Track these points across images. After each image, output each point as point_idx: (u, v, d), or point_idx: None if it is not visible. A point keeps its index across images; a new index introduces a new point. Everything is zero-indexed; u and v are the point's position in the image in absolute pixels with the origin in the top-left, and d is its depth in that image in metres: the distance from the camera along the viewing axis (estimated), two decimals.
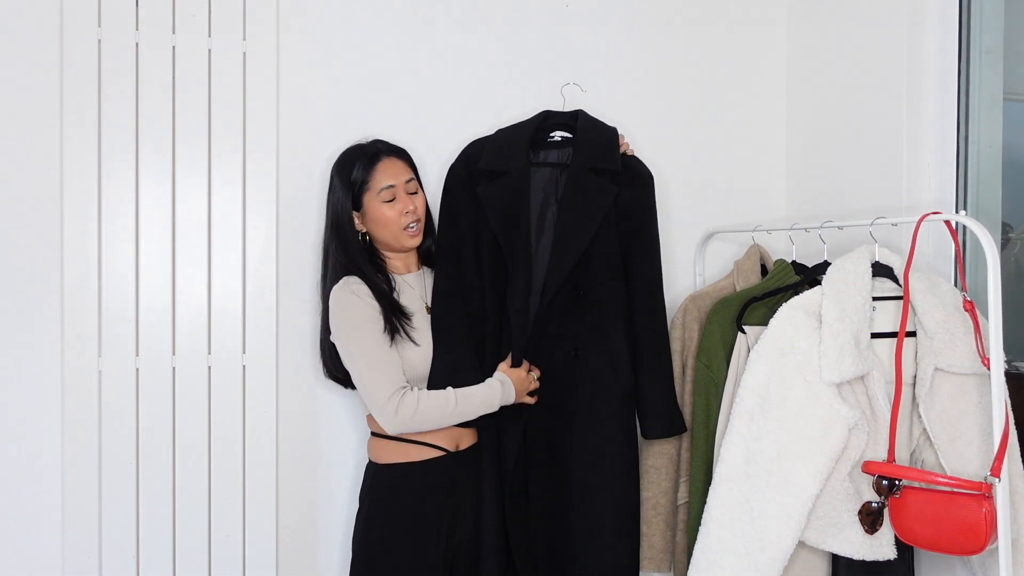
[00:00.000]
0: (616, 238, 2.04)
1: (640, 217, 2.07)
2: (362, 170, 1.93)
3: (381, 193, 1.91)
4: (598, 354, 2.01)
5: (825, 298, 1.83)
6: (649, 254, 2.09)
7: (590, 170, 2.01)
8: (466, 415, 1.87)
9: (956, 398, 1.80)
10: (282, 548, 2.13)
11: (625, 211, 2.05)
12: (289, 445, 2.13)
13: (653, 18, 2.46)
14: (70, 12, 1.94)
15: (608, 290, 2.02)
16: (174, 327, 2.03)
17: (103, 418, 1.97)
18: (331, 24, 2.16)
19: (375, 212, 1.92)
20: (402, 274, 2.01)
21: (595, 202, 1.99)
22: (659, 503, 2.16)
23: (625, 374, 2.02)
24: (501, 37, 2.31)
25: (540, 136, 2.10)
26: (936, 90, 2.07)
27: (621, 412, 2.02)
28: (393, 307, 1.89)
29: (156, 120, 2.01)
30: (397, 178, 1.93)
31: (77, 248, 1.96)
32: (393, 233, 1.93)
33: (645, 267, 2.08)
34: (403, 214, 1.92)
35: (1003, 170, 2.13)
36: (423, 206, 1.99)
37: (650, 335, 2.07)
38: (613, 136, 2.09)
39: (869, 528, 1.77)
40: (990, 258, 1.64)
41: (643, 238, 2.08)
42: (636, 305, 2.06)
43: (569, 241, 1.97)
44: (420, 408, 1.81)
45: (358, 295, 1.86)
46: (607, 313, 2.02)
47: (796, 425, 1.79)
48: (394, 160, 1.96)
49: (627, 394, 2.03)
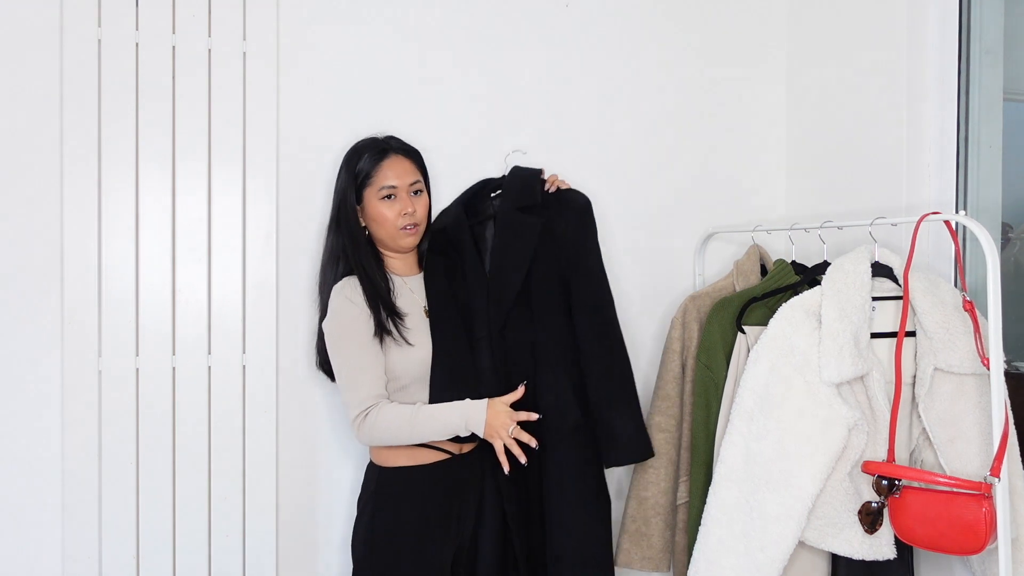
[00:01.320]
0: (557, 270, 2.05)
1: (578, 243, 2.08)
2: (368, 163, 1.92)
3: (381, 190, 1.90)
4: (547, 386, 2.00)
5: (825, 298, 1.83)
6: (591, 278, 2.08)
7: (517, 209, 2.07)
8: (423, 436, 1.82)
9: (956, 398, 1.80)
10: (282, 548, 2.13)
11: (561, 241, 2.06)
12: (289, 445, 2.13)
13: (653, 18, 2.46)
14: (70, 12, 1.94)
15: (550, 323, 2.02)
16: (174, 327, 2.03)
17: (103, 418, 1.97)
18: (331, 24, 2.16)
19: (373, 209, 1.91)
20: (402, 275, 2.00)
21: (523, 238, 2.03)
22: (659, 503, 2.16)
23: (572, 406, 2.00)
24: (501, 37, 2.31)
25: (482, 200, 2.18)
26: (936, 90, 2.07)
27: (574, 443, 1.99)
28: (388, 308, 1.88)
29: (156, 120, 2.01)
30: (401, 178, 1.91)
31: (77, 248, 1.96)
32: (389, 232, 1.92)
33: (588, 292, 2.06)
34: (401, 215, 1.90)
35: (1003, 170, 2.13)
36: (424, 209, 1.97)
37: (600, 360, 2.03)
38: (534, 175, 2.14)
39: (869, 528, 1.77)
40: (990, 258, 1.64)
41: (583, 264, 2.08)
42: (581, 332, 2.04)
43: (506, 278, 2.02)
44: (377, 427, 1.81)
45: (352, 301, 1.86)
46: (551, 347, 2.01)
47: (796, 425, 1.79)
48: (402, 160, 1.94)
49: (577, 425, 2.00)
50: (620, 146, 2.43)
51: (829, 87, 2.40)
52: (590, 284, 2.07)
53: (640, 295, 2.44)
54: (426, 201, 1.98)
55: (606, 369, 2.03)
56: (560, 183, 2.13)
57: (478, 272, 2.04)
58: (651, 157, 2.47)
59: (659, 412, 2.19)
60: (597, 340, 2.04)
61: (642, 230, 2.45)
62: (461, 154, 2.25)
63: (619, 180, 2.42)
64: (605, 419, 2.01)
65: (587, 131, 2.39)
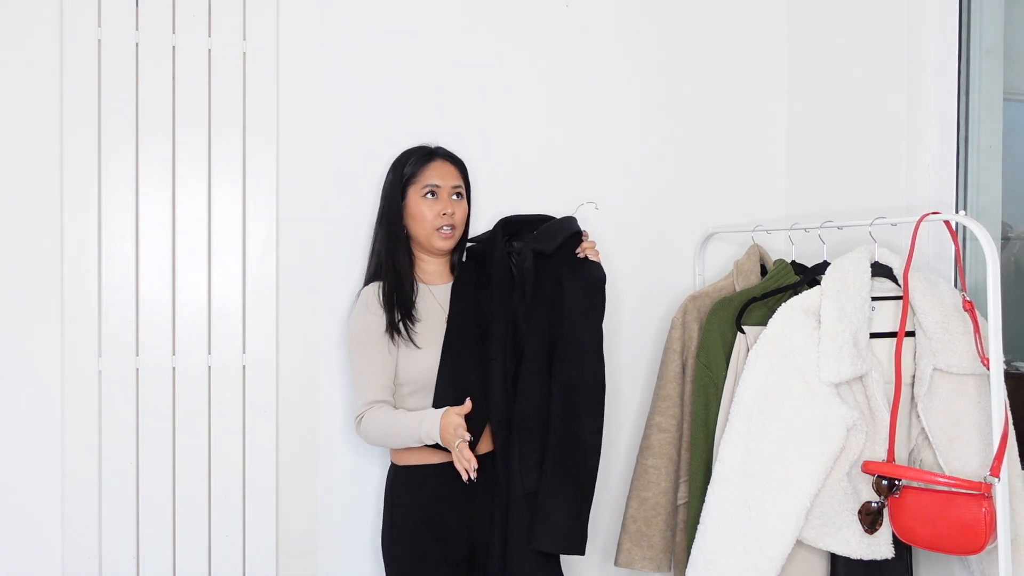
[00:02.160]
0: (549, 335, 1.96)
1: (576, 315, 1.97)
2: (414, 165, 1.99)
3: (424, 188, 1.96)
4: (518, 443, 1.92)
5: (824, 298, 1.83)
6: (580, 354, 1.95)
7: (532, 250, 2.00)
8: (399, 442, 1.86)
9: (955, 398, 1.80)
10: (282, 548, 2.12)
11: (560, 304, 1.98)
12: (289, 445, 2.13)
13: (653, 19, 2.46)
14: (70, 12, 1.94)
15: (529, 387, 1.93)
16: (174, 327, 2.03)
17: (103, 418, 1.97)
18: (331, 24, 2.16)
19: (414, 207, 1.96)
20: (430, 283, 2.02)
21: (505, 282, 2.01)
22: (659, 503, 2.16)
23: (529, 476, 1.90)
24: (501, 37, 2.31)
25: (529, 229, 2.08)
26: (936, 90, 2.07)
27: (526, 507, 1.90)
28: (403, 307, 1.93)
29: (156, 120, 2.01)
30: (444, 180, 1.98)
31: (77, 248, 1.96)
32: (426, 231, 1.96)
33: (571, 368, 1.94)
34: (439, 215, 1.95)
35: (1003, 170, 2.13)
36: (463, 214, 2.01)
37: (562, 439, 1.91)
38: (572, 232, 2.04)
39: (869, 528, 1.77)
40: (990, 258, 1.64)
41: (575, 338, 1.95)
42: (552, 404, 1.93)
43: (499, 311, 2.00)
44: (369, 431, 1.89)
45: (368, 307, 1.93)
46: (527, 407, 1.93)
47: (795, 425, 1.79)
48: (446, 164, 2.01)
49: (530, 493, 1.90)
50: (620, 146, 2.43)
51: (829, 87, 2.40)
52: (574, 359, 1.94)
53: (640, 295, 2.44)
54: (465, 208, 2.02)
55: (566, 450, 1.90)
56: (590, 253, 2.02)
57: (504, 290, 1.99)
58: (651, 157, 2.46)
59: (659, 412, 2.19)
60: (565, 416, 1.92)
61: (642, 230, 2.45)
62: (461, 150, 2.25)
63: (619, 180, 2.42)
64: (545, 496, 1.89)
65: (587, 131, 2.39)
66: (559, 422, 1.91)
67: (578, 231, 2.03)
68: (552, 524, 1.87)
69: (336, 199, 2.16)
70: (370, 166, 2.17)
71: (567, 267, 1.98)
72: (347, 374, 2.15)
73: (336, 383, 2.16)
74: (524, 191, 2.31)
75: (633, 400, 2.43)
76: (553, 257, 1.98)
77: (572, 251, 2.00)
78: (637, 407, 2.43)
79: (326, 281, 2.15)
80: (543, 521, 1.87)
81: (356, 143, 2.17)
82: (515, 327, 1.98)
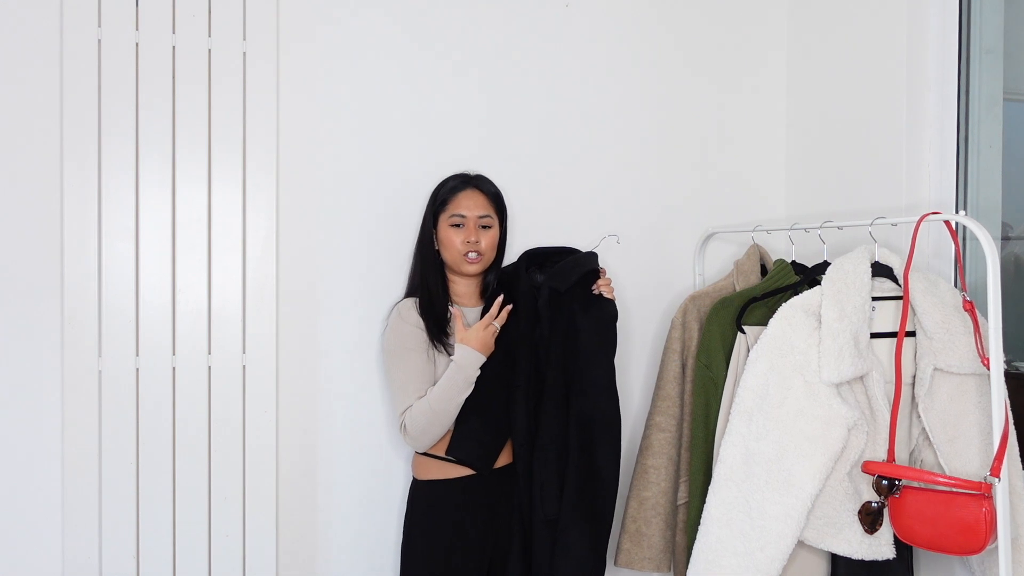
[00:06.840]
0: (564, 372, 2.03)
1: (588, 352, 2.05)
2: (448, 192, 2.06)
3: (452, 217, 2.03)
4: (538, 470, 2.01)
5: (824, 298, 1.83)
6: (592, 390, 2.03)
7: (549, 285, 2.08)
8: (447, 407, 1.92)
9: (955, 398, 1.80)
10: (282, 548, 2.13)
11: (575, 338, 2.04)
12: (289, 445, 2.13)
13: (654, 19, 2.46)
14: (70, 12, 1.94)
15: (552, 418, 2.01)
16: (174, 327, 2.03)
17: (103, 418, 1.97)
18: (331, 24, 2.16)
19: (443, 234, 2.04)
20: (463, 305, 2.07)
21: (520, 318, 2.07)
22: (659, 503, 2.16)
23: (548, 501, 1.99)
24: (501, 37, 2.31)
25: (553, 262, 2.16)
26: (936, 90, 2.07)
27: (547, 534, 2.00)
28: (439, 323, 1.99)
29: (156, 120, 2.01)
30: (471, 210, 2.03)
31: (77, 248, 1.96)
32: (453, 257, 2.03)
33: (585, 403, 2.02)
34: (464, 243, 2.01)
35: (1003, 170, 2.13)
36: (490, 242, 2.05)
37: (579, 472, 1.99)
38: (589, 270, 2.10)
39: (869, 528, 1.77)
40: (990, 258, 1.64)
41: (587, 374, 2.03)
42: (571, 438, 2.01)
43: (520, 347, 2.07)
44: (412, 422, 1.92)
45: (405, 320, 1.99)
46: (546, 438, 2.01)
47: (795, 425, 1.79)
48: (478, 194, 2.06)
49: (550, 520, 1.99)
50: (620, 146, 2.43)
51: (829, 87, 2.40)
52: (588, 395, 2.01)
53: (640, 295, 2.44)
54: (494, 236, 2.07)
55: (584, 482, 1.99)
56: (605, 290, 2.07)
57: (529, 323, 2.05)
58: (651, 157, 2.46)
59: (659, 412, 2.19)
60: (582, 449, 2.00)
61: (642, 230, 2.45)
62: (460, 149, 2.25)
63: (619, 179, 2.42)
64: (564, 527, 1.98)
65: (587, 132, 2.39)
66: (577, 454, 1.99)
67: (595, 268, 2.08)
68: (572, 556, 1.97)
69: (336, 200, 2.16)
70: (370, 166, 2.17)
71: (580, 304, 2.04)
72: (347, 374, 2.15)
73: (336, 383, 2.16)
74: (524, 191, 2.30)
75: (633, 400, 2.43)
76: (567, 294, 2.04)
77: (587, 287, 2.06)
78: (637, 407, 2.43)
79: (326, 281, 2.15)
80: (563, 553, 1.97)
81: (356, 143, 2.17)
82: (537, 359, 2.04)
